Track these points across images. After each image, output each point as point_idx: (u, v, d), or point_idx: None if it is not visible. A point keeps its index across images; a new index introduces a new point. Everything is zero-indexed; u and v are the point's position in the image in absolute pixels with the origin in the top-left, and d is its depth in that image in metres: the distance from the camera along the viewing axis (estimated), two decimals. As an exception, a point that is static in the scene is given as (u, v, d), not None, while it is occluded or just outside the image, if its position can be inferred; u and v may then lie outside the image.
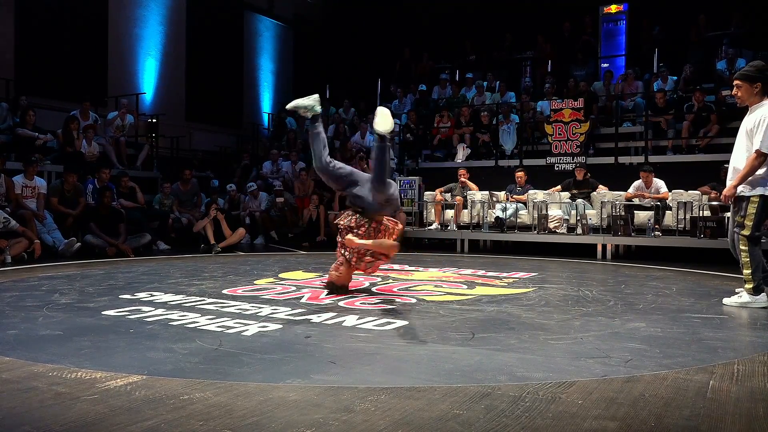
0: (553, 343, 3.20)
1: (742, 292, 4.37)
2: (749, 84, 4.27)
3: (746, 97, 4.30)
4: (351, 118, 14.42)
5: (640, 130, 11.15)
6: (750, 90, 4.27)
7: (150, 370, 2.62)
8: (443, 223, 10.20)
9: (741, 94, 4.32)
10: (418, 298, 4.68)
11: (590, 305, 4.42)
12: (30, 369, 2.63)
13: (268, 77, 17.74)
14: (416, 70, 15.90)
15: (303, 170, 11.53)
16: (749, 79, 4.26)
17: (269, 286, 5.19)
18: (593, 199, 9.51)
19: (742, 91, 4.30)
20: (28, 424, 2.01)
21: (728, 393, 2.40)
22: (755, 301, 4.27)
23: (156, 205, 10.02)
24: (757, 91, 4.25)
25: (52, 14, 12.30)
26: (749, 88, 4.27)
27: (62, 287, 5.08)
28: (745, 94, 4.30)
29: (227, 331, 3.38)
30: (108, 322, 3.64)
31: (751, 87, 4.26)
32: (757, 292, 4.28)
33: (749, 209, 4.24)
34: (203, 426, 1.99)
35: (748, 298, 4.30)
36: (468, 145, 12.11)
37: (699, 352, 3.05)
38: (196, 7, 15.29)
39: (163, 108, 14.02)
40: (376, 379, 2.53)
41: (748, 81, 4.27)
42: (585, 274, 6.52)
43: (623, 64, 14.26)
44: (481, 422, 2.04)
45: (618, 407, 2.20)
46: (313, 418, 2.05)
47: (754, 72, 4.27)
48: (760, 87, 4.25)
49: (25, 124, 9.98)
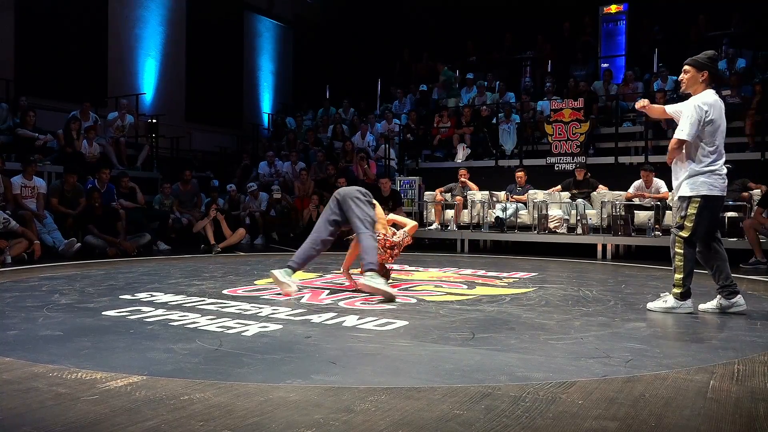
0: (553, 343, 3.20)
1: (667, 296, 4.19)
2: (696, 71, 4.12)
3: (690, 84, 4.16)
4: (351, 118, 14.43)
5: (640, 130, 11.15)
6: (696, 77, 4.12)
7: (150, 370, 2.61)
8: (443, 223, 10.20)
9: (686, 80, 4.17)
10: (418, 298, 4.68)
11: (590, 305, 4.42)
12: (30, 369, 2.63)
13: (268, 77, 17.75)
14: (416, 71, 15.90)
15: (303, 170, 11.53)
16: (698, 66, 4.12)
17: (269, 286, 5.19)
18: (593, 199, 9.51)
19: (687, 78, 4.16)
20: (28, 424, 2.01)
21: (728, 393, 2.39)
22: (680, 307, 4.09)
23: (156, 205, 10.02)
24: (703, 79, 4.11)
25: (52, 14, 12.30)
26: (696, 75, 4.12)
27: (62, 288, 5.08)
28: (690, 80, 4.15)
29: (227, 332, 3.38)
30: (108, 323, 3.64)
31: (698, 74, 4.11)
32: (684, 298, 4.10)
33: (690, 210, 4.06)
34: (203, 426, 1.99)
35: (674, 303, 4.11)
36: (468, 145, 12.12)
37: (699, 352, 3.05)
38: (196, 8, 15.29)
39: (163, 108, 14.03)
40: (377, 379, 2.53)
41: (696, 67, 4.12)
42: (585, 274, 6.52)
43: (623, 64, 14.26)
44: (481, 422, 2.04)
45: (618, 407, 2.20)
46: (313, 419, 2.05)
47: (704, 60, 4.12)
48: (706, 76, 4.10)
49: (26, 124, 9.98)
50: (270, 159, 12.32)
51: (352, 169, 11.68)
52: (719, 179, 4.07)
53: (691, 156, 4.08)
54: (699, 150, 4.06)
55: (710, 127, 4.02)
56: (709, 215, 4.09)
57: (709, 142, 4.04)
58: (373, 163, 11.83)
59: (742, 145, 10.17)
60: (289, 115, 15.88)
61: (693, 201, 4.07)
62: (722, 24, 12.93)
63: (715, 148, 4.05)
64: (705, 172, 4.04)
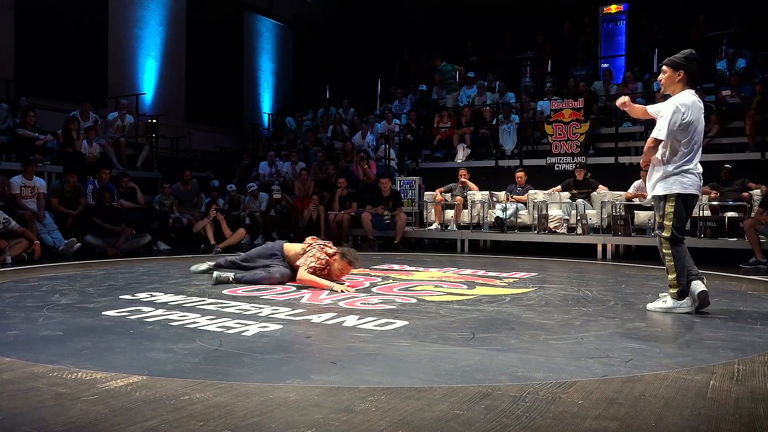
0: (553, 343, 3.20)
1: (666, 296, 4.20)
2: (673, 70, 4.08)
3: (668, 84, 4.13)
4: (351, 118, 14.43)
5: (641, 130, 11.15)
6: (672, 77, 4.09)
7: (150, 370, 2.61)
8: (443, 223, 10.20)
9: (664, 81, 4.15)
10: (418, 298, 4.68)
11: (590, 305, 4.42)
12: (30, 369, 2.63)
13: (268, 77, 17.75)
14: (416, 71, 15.90)
15: (303, 170, 11.53)
16: (674, 66, 4.08)
17: (269, 286, 5.19)
18: (593, 199, 9.51)
19: (665, 78, 4.13)
20: (28, 424, 2.01)
21: (729, 393, 2.39)
22: (679, 306, 4.09)
23: (156, 205, 10.02)
24: (680, 79, 4.07)
25: (52, 15, 12.30)
26: (672, 75, 4.09)
27: (62, 288, 5.08)
28: (667, 81, 4.12)
29: (227, 332, 3.38)
30: (108, 323, 3.64)
31: (674, 74, 4.08)
32: (682, 297, 4.10)
33: (667, 208, 4.06)
34: (203, 426, 1.99)
35: (672, 303, 4.11)
36: (468, 145, 12.12)
37: (699, 352, 3.05)
38: (196, 8, 15.30)
39: (163, 108, 14.03)
40: (377, 379, 2.53)
41: (672, 67, 4.09)
42: (585, 274, 6.52)
43: (623, 64, 14.25)
44: (481, 422, 2.04)
45: (618, 407, 2.20)
46: (313, 419, 2.06)
47: (680, 59, 4.08)
48: (683, 75, 4.06)
49: (26, 124, 9.98)
50: (270, 159, 12.33)
51: (352, 169, 11.68)
52: (694, 178, 4.06)
53: (666, 156, 4.07)
54: (674, 150, 4.05)
55: (687, 127, 4.00)
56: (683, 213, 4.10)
57: (686, 142, 4.02)
58: (373, 163, 11.84)
59: (742, 145, 10.17)
60: (289, 115, 15.88)
61: (668, 199, 4.07)
62: (722, 24, 12.93)
63: (690, 149, 4.04)
64: (679, 171, 4.04)
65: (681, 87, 4.10)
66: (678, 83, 4.10)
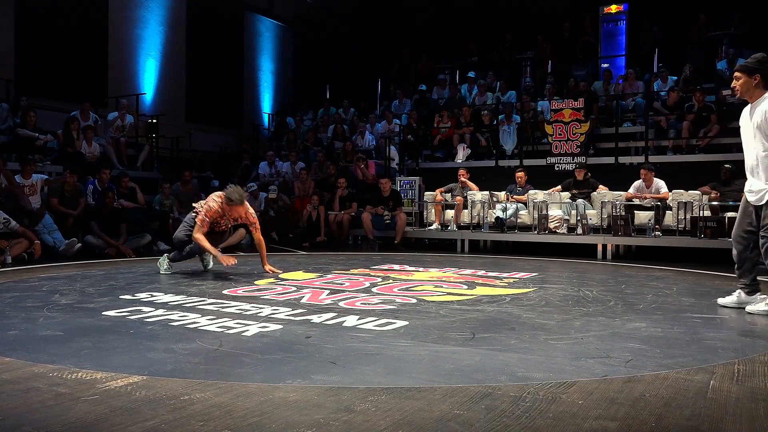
0: (553, 343, 3.20)
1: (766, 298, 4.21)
2: (748, 76, 4.12)
3: (744, 90, 4.15)
4: (350, 118, 14.43)
5: (641, 130, 11.15)
6: (748, 82, 4.12)
7: (150, 370, 2.62)
8: (443, 224, 10.20)
9: (739, 87, 4.17)
10: (418, 298, 4.68)
11: (590, 305, 4.42)
12: (30, 369, 2.63)
13: (268, 77, 17.75)
14: (416, 71, 15.90)
15: (303, 170, 11.53)
16: (748, 71, 4.12)
17: (269, 286, 5.19)
18: (593, 199, 9.51)
19: (740, 84, 4.15)
20: (29, 424, 2.01)
21: (729, 393, 2.39)
22: None
23: (156, 205, 10.02)
24: (756, 83, 4.10)
25: (53, 15, 12.31)
26: (748, 80, 4.12)
27: (63, 288, 5.08)
28: (743, 86, 4.14)
29: (228, 332, 3.38)
30: (108, 323, 3.64)
31: (750, 79, 4.11)
32: None
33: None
34: (204, 426, 1.99)
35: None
36: (468, 145, 12.12)
37: (699, 352, 3.05)
38: (196, 8, 15.30)
39: (163, 108, 14.03)
40: (377, 379, 2.53)
41: (746, 73, 4.12)
42: (585, 274, 6.52)
43: (623, 64, 14.26)
44: (481, 422, 2.04)
45: (618, 407, 2.20)
46: (313, 419, 2.06)
47: (753, 63, 4.13)
48: (759, 79, 4.09)
49: (26, 124, 9.98)
50: (270, 159, 12.32)
51: (353, 169, 11.68)
52: None
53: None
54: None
55: None
56: None
57: None
58: (372, 164, 11.84)
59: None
60: (289, 115, 15.88)
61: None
62: (722, 24, 12.92)
63: None
64: None
65: (761, 91, 4.11)
66: (756, 88, 4.12)
